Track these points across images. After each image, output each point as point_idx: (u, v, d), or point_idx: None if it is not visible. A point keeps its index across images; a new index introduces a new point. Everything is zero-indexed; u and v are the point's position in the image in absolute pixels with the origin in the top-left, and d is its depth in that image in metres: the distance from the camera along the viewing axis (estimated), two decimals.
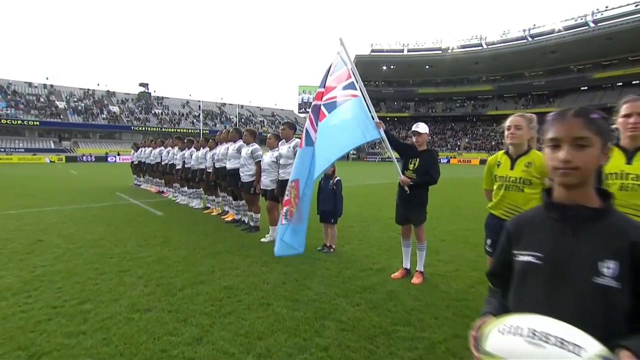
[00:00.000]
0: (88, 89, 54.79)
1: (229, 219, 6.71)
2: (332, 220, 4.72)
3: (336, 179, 4.69)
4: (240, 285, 3.46)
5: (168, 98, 61.62)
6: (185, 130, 48.78)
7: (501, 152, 2.45)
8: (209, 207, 7.66)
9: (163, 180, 10.26)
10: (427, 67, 62.23)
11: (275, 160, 5.14)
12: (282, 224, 2.97)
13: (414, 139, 3.66)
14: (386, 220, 6.83)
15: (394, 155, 3.60)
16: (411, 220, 3.70)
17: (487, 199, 2.59)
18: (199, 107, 55.73)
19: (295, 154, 4.41)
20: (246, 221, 6.32)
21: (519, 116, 2.33)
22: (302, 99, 69.10)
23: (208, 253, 4.54)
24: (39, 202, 8.70)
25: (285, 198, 3.12)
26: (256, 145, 5.77)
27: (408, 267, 3.87)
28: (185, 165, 8.10)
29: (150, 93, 60.27)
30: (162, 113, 56.19)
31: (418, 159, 3.60)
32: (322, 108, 3.39)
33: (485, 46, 55.22)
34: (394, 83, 68.51)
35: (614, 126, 1.86)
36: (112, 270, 3.82)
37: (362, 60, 61.77)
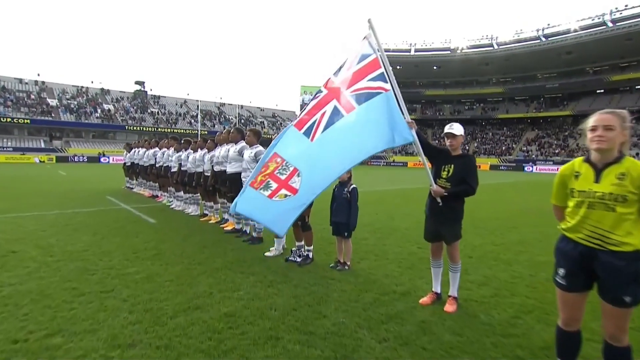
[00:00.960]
0: (81, 87, 54.68)
1: (229, 228, 6.30)
2: (346, 234, 4.31)
3: (351, 186, 4.28)
4: (243, 312, 3.04)
5: (165, 97, 61.54)
6: (182, 131, 48.51)
7: (579, 159, 2.00)
8: (207, 215, 7.26)
9: (157, 184, 9.89)
10: (434, 67, 62.00)
11: None
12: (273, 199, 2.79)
13: (447, 143, 3.25)
14: (402, 232, 6.41)
15: (425, 161, 3.19)
16: (444, 237, 3.28)
17: (557, 218, 2.16)
18: (197, 106, 55.61)
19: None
20: (248, 231, 5.91)
21: (608, 113, 1.86)
22: (304, 100, 68.87)
23: (205, 269, 4.12)
24: (18, 206, 8.30)
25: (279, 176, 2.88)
26: (260, 147, 5.37)
27: (438, 291, 3.44)
28: (182, 168, 7.73)
29: (146, 91, 60.19)
30: (158, 112, 56.05)
31: (452, 165, 3.19)
32: (349, 98, 2.98)
33: (496, 46, 54.91)
34: (400, 84, 64.07)
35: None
36: (92, 290, 3.40)
37: None
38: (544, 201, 10.59)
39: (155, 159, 9.36)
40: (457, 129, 3.21)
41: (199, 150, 7.27)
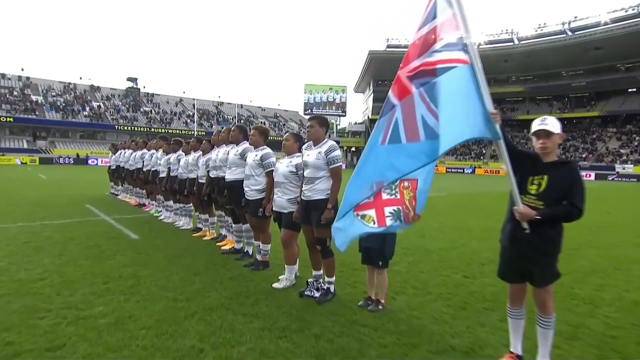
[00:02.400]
0: (69, 83, 54.48)
1: (227, 247, 5.53)
2: (380, 263, 3.51)
3: None
4: None
5: (159, 95, 61.30)
6: (177, 132, 47.98)
7: None
8: (201, 229, 6.51)
9: (145, 191, 9.18)
10: None
11: (294, 170, 3.96)
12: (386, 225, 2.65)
13: (538, 144, 2.46)
14: (438, 253, 5.59)
15: (511, 170, 2.40)
16: (531, 278, 2.47)
17: None
18: (194, 105, 55.27)
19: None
20: (250, 253, 5.13)
21: None
22: (308, 99, 68.36)
23: (195, 309, 3.33)
24: None
25: (391, 198, 2.67)
26: (267, 149, 4.60)
27: (520, 352, 2.62)
28: (172, 173, 7.00)
29: (139, 89, 60.00)
30: (151, 111, 55.77)
31: (546, 177, 2.39)
32: (407, 82, 2.38)
33: (516, 42, 54.07)
34: None
35: None
36: (34, 347, 2.60)
37: (376, 57, 61.13)
38: (599, 215, 9.73)
39: (143, 162, 8.65)
40: (552, 124, 2.42)
41: (192, 152, 6.52)
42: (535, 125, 2.45)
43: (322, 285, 3.81)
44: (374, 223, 2.64)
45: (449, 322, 3.27)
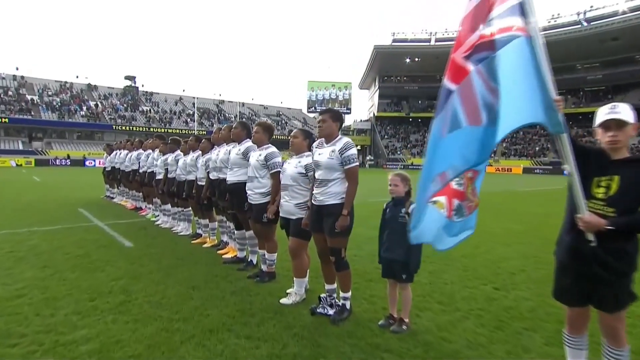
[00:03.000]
0: (65, 82, 54.57)
1: (229, 255, 5.20)
2: (404, 277, 3.15)
3: (412, 205, 3.13)
4: None
5: (158, 94, 61.40)
6: (177, 131, 47.83)
7: None
8: (200, 235, 6.19)
9: (141, 194, 8.87)
10: None
11: (304, 172, 3.62)
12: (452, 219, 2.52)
13: (606, 138, 2.09)
14: (461, 261, 5.20)
15: (575, 170, 2.04)
16: (599, 301, 2.10)
17: None
18: (194, 104, 55.18)
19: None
20: (254, 262, 4.79)
21: None
22: (312, 97, 68.11)
23: (192, 331, 2.99)
24: None
25: (457, 188, 2.52)
26: (272, 148, 4.25)
27: None
28: (169, 175, 6.70)
29: (137, 87, 60.13)
30: (150, 110, 55.76)
31: (617, 178, 2.02)
32: (463, 62, 2.10)
33: None
34: (419, 78, 67.41)
35: None
36: None
37: (381, 52, 60.84)
38: None
39: (139, 162, 8.36)
40: (625, 111, 2.05)
41: (191, 152, 6.20)
42: (603, 114, 2.08)
43: (337, 301, 3.46)
44: (444, 210, 2.53)
45: (485, 347, 2.90)
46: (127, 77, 60.45)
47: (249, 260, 4.83)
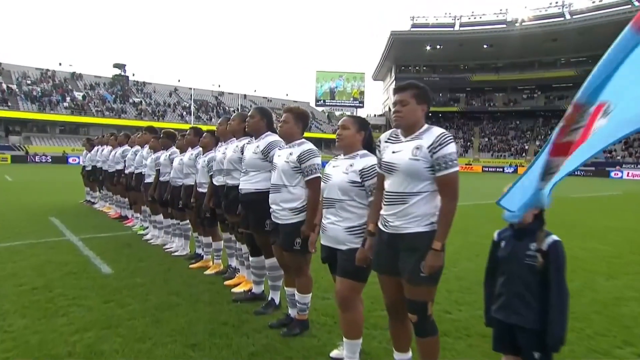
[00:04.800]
0: (47, 70, 54.18)
1: (241, 289, 4.26)
2: (537, 356, 2.16)
3: (550, 238, 2.15)
4: None
5: (151, 84, 61.05)
6: (172, 125, 47.25)
7: None
8: (201, 257, 5.32)
9: (127, 199, 8.08)
10: (485, 46, 60.03)
11: (358, 180, 2.72)
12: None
13: None
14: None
15: None
16: None
17: None
18: (190, 96, 54.81)
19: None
20: (277, 302, 3.84)
21: None
22: (320, 88, 67.39)
23: None
24: None
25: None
26: (308, 145, 3.32)
27: None
28: (161, 178, 5.91)
29: (127, 77, 59.95)
30: (142, 102, 55.44)
31: None
32: None
33: (568, 16, 52.24)
34: (440, 68, 66.56)
35: None
36: None
37: (399, 38, 60.04)
38: None
39: (125, 161, 7.60)
40: None
41: (190, 149, 5.34)
42: None
43: None
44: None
45: None
46: (115, 65, 60.21)
47: (269, 299, 3.86)
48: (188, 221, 5.61)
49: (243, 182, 3.71)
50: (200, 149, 5.00)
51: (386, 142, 2.47)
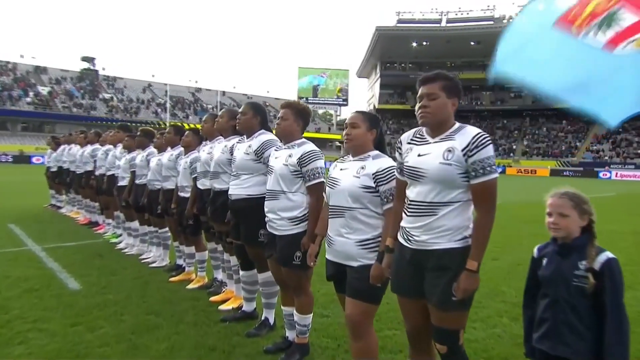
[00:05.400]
0: (7, 62, 52.40)
1: (229, 306, 3.99)
2: None
3: (603, 256, 1.93)
4: None
5: (122, 79, 59.87)
6: (146, 124, 46.30)
7: None
8: (183, 268, 5.03)
9: (97, 204, 7.78)
10: (472, 43, 60.76)
11: (373, 186, 2.47)
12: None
13: None
14: None
15: None
16: None
17: None
18: (166, 92, 53.85)
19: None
20: (271, 321, 3.54)
21: None
22: (303, 85, 67.14)
23: None
24: None
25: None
26: (310, 145, 3.08)
27: None
28: (137, 180, 5.65)
29: (97, 71, 58.66)
30: (113, 98, 54.26)
31: None
32: None
33: None
34: (426, 65, 66.78)
35: None
36: None
37: (384, 34, 60.29)
38: None
39: (95, 162, 7.30)
40: None
41: (169, 149, 5.07)
42: None
43: None
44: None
45: None
46: (84, 59, 58.74)
47: (262, 318, 3.56)
48: (167, 229, 5.33)
49: (233, 186, 3.43)
50: (182, 148, 4.73)
51: (409, 143, 2.22)
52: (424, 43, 62.89)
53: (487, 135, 2.03)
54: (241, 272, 3.73)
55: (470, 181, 1.99)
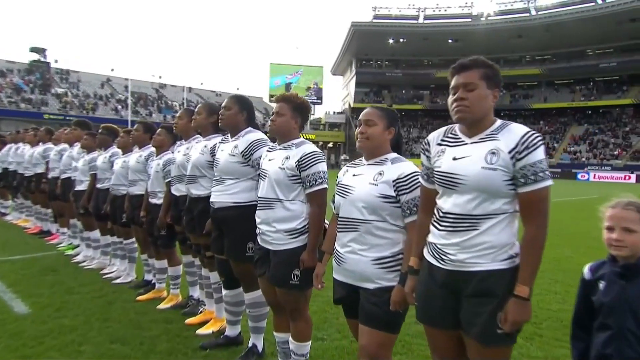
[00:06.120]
0: None
1: (208, 330, 3.68)
2: None
3: None
4: None
5: (78, 72, 58.16)
6: (105, 121, 44.99)
7: None
8: (152, 285, 4.75)
9: (50, 211, 7.46)
10: (450, 41, 61.85)
11: (392, 195, 2.24)
12: None
13: None
14: None
15: None
16: None
17: None
18: (127, 87, 52.58)
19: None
20: (259, 348, 3.26)
21: None
22: (275, 82, 66.71)
23: None
24: None
25: None
26: (310, 146, 2.83)
27: None
28: (98, 185, 5.40)
29: (48, 63, 56.86)
30: (67, 93, 52.59)
31: None
32: None
33: (534, 12, 54.90)
34: (404, 63, 67.84)
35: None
36: None
37: (360, 30, 60.60)
38: None
39: (47, 163, 7.04)
40: None
41: (136, 149, 4.81)
42: None
43: None
44: None
45: None
46: (33, 50, 56.79)
47: (249, 345, 3.25)
48: (134, 239, 5.03)
49: (216, 193, 3.13)
50: (153, 149, 4.42)
51: (440, 144, 1.97)
52: (401, 40, 63.54)
53: (538, 134, 1.80)
54: (224, 291, 3.41)
55: (517, 189, 1.75)
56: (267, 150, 2.86)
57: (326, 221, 2.65)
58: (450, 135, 1.95)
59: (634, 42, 50.31)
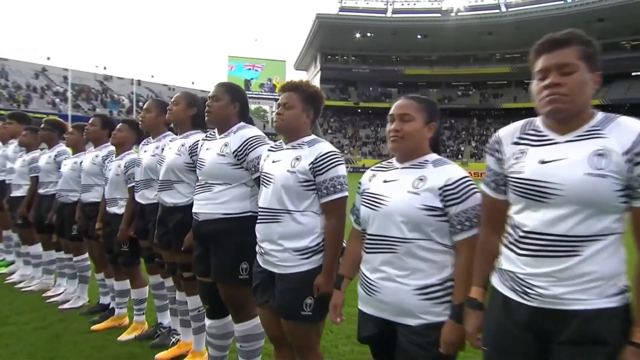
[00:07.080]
0: None
1: None
2: None
3: None
4: None
5: (8, 60, 56.40)
6: (40, 116, 43.04)
7: None
8: (112, 310, 4.33)
9: None
10: (419, 36, 63.13)
11: (440, 207, 1.89)
12: None
13: None
14: None
15: None
16: None
17: None
18: (65, 78, 50.64)
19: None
20: None
21: None
22: (233, 76, 65.87)
23: None
24: None
25: None
26: (326, 145, 2.50)
27: None
28: (41, 190, 4.98)
29: None
30: None
31: None
32: None
33: (504, 8, 56.92)
34: (371, 59, 68.68)
35: None
36: None
37: (325, 23, 60.83)
38: None
39: None
40: None
41: (92, 148, 4.39)
42: None
43: None
44: None
45: None
46: None
47: None
48: (86, 255, 4.61)
49: (201, 202, 2.74)
50: (112, 147, 4.01)
51: (518, 142, 1.65)
52: (368, 34, 64.24)
53: None
54: (207, 321, 2.99)
55: (632, 203, 1.45)
56: (269, 150, 2.49)
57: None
58: (531, 132, 1.63)
59: (602, 42, 52.72)
